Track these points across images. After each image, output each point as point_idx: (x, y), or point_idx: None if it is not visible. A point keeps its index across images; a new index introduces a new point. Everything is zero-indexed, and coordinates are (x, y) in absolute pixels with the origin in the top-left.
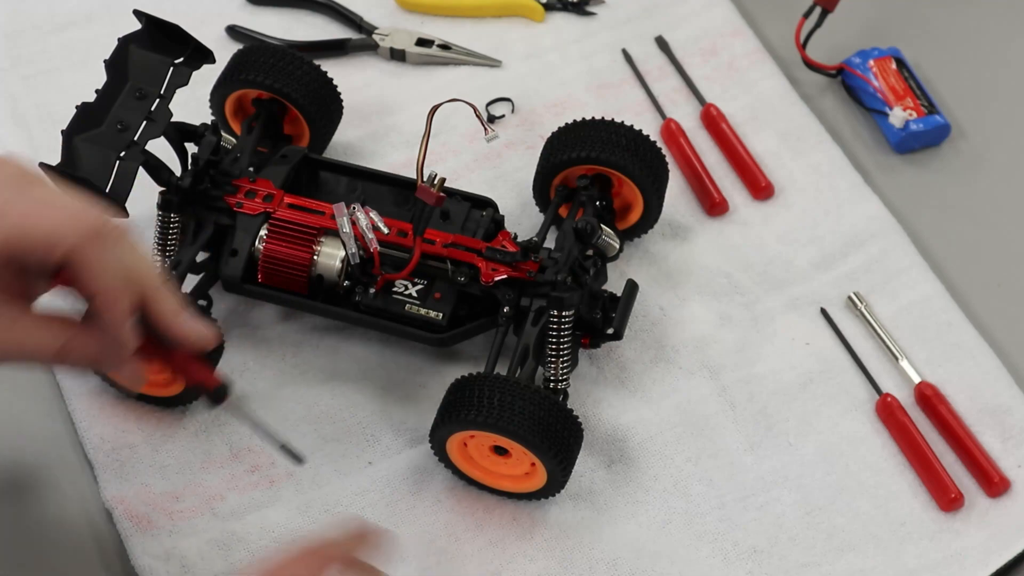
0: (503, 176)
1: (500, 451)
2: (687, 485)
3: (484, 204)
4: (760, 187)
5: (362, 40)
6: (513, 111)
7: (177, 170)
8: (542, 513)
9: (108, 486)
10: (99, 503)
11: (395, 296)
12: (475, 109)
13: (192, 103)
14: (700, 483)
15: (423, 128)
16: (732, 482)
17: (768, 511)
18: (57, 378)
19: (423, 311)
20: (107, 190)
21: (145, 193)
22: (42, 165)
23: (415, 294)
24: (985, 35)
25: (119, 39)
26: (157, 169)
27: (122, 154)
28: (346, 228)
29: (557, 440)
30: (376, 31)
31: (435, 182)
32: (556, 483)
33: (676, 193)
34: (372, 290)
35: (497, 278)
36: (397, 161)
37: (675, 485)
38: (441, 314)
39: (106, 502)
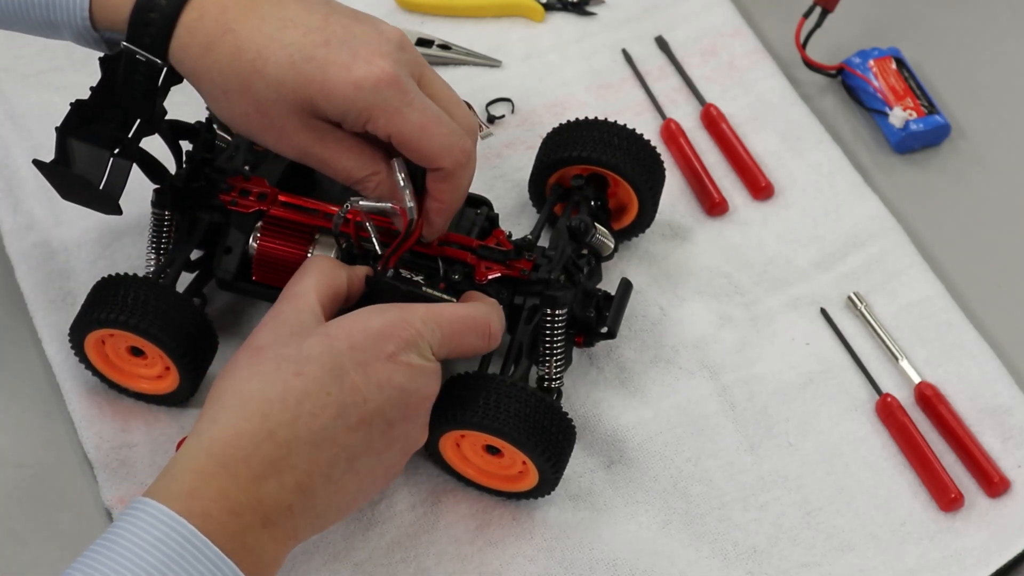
0: (503, 176)
1: (492, 450)
2: (687, 485)
3: (479, 203)
4: (760, 187)
5: None
6: (513, 111)
7: (172, 167)
8: (542, 513)
9: (108, 486)
10: (99, 503)
11: (407, 279)
12: (474, 109)
13: (187, 100)
14: (700, 483)
15: None
16: (732, 482)
17: (768, 511)
18: (57, 378)
19: (436, 293)
20: (101, 187)
21: (145, 193)
22: (35, 162)
23: (422, 281)
24: (985, 35)
25: None
26: (151, 166)
27: (116, 151)
28: (401, 182)
29: (547, 439)
30: None
31: None
32: (548, 482)
33: (676, 193)
34: (390, 270)
35: (491, 276)
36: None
37: (675, 485)
38: (453, 300)
39: (106, 502)
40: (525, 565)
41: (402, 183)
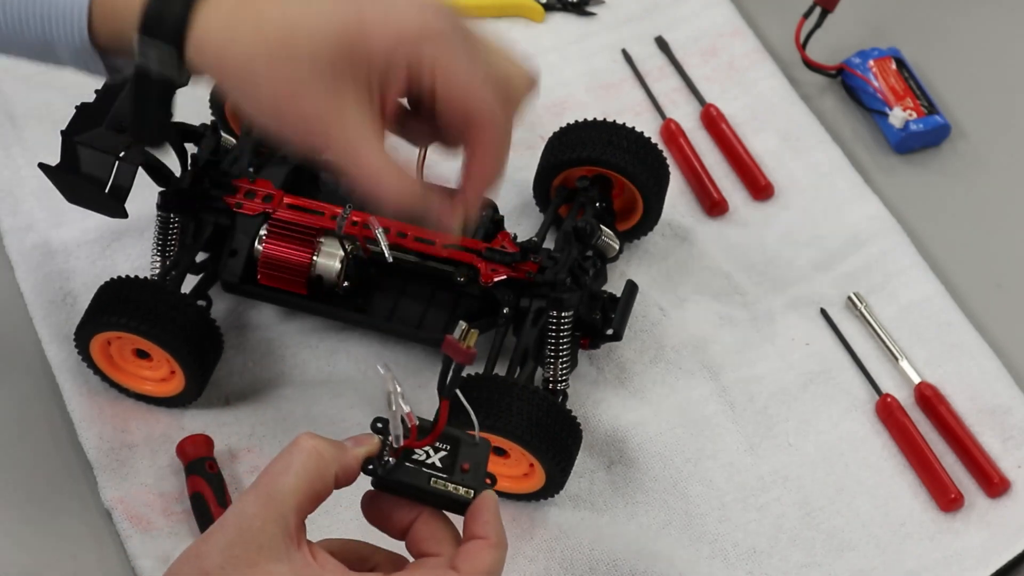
0: (503, 176)
1: (499, 452)
2: (687, 486)
3: (483, 205)
4: (760, 187)
5: None
6: None
7: (177, 170)
8: (542, 514)
9: (108, 486)
10: (99, 503)
11: (415, 467)
12: None
13: (192, 103)
14: (700, 484)
15: None
16: (732, 482)
17: (768, 511)
18: (57, 379)
19: (451, 487)
20: (107, 190)
21: (145, 193)
22: (41, 166)
23: (439, 463)
24: (985, 35)
25: None
26: (157, 169)
27: (121, 154)
28: (397, 389)
29: (555, 441)
30: None
31: (466, 335)
32: (555, 484)
33: (676, 193)
34: (390, 459)
35: (496, 279)
36: (397, 162)
37: (675, 486)
38: (471, 491)
39: (106, 502)
40: (525, 565)
41: (398, 390)
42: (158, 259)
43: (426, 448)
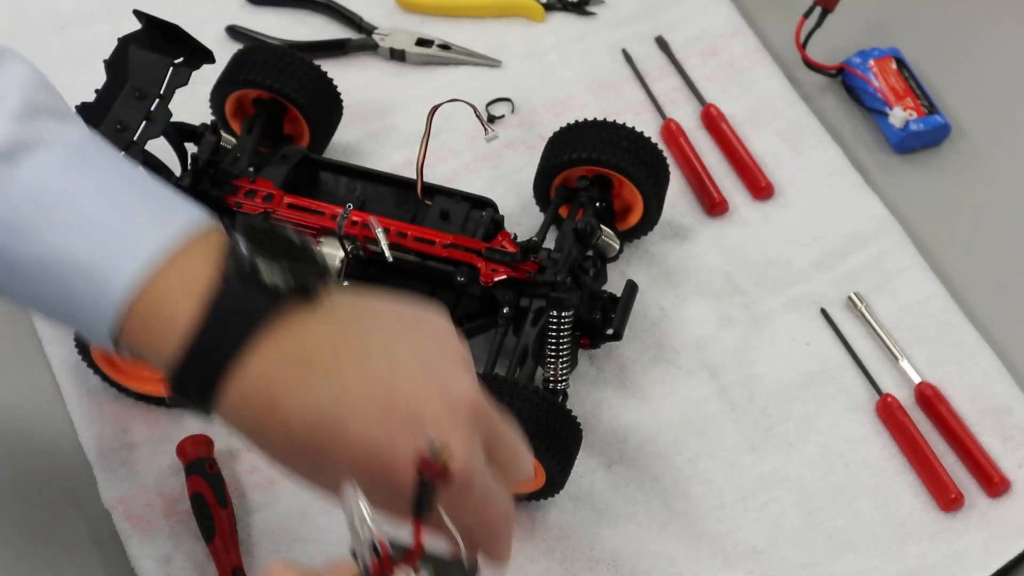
0: (503, 176)
1: None
2: (687, 486)
3: (484, 204)
4: (760, 187)
5: (362, 40)
6: (513, 111)
7: (177, 170)
8: (542, 514)
9: (108, 486)
10: (99, 504)
11: None
12: (475, 109)
13: (192, 103)
14: (700, 484)
15: (423, 128)
16: (732, 482)
17: (768, 511)
18: (57, 379)
19: None
20: None
21: None
22: None
23: None
24: (985, 36)
25: (119, 39)
26: (157, 169)
27: (121, 154)
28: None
29: (555, 441)
30: (376, 31)
31: (436, 449)
32: (555, 484)
33: (676, 193)
34: None
35: (496, 279)
36: (397, 161)
37: (675, 486)
38: None
39: (106, 503)
40: (525, 565)
41: (365, 515)
42: None
43: (410, 571)
